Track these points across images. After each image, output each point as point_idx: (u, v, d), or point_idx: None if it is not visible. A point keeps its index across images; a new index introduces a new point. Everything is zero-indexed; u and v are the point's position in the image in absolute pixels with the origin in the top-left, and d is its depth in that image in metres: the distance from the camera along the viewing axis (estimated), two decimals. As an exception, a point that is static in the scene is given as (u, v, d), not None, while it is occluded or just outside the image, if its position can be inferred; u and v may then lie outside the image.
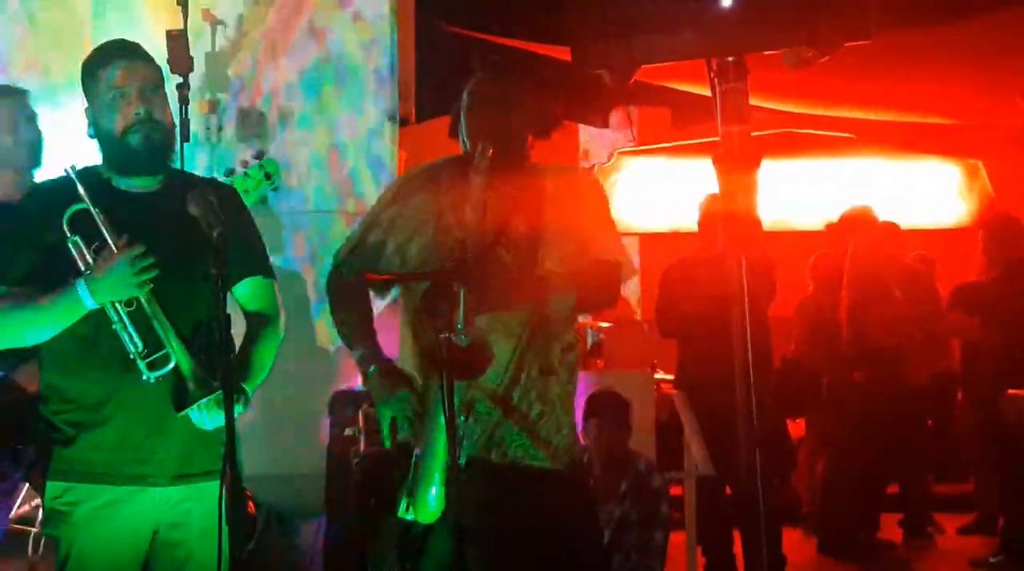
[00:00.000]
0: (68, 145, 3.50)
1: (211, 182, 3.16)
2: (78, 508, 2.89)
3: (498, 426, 3.00)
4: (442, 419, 2.72)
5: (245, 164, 3.75)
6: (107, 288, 2.82)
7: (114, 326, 2.85)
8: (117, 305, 2.84)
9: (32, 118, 3.78)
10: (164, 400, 2.87)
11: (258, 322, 3.08)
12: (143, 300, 2.85)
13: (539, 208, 3.06)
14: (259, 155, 3.80)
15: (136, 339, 2.85)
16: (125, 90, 2.91)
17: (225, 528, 2.59)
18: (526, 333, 3.01)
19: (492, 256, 2.96)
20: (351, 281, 3.21)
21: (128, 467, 2.89)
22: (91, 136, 2.99)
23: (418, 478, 2.89)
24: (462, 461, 2.88)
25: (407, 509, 2.91)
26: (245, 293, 3.08)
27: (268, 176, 3.76)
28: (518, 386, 3.01)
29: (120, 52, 2.97)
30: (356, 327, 3.18)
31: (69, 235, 2.87)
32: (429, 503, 2.89)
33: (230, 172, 3.83)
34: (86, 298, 2.82)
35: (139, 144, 2.91)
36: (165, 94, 3.01)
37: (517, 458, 3.02)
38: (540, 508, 3.02)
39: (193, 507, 2.93)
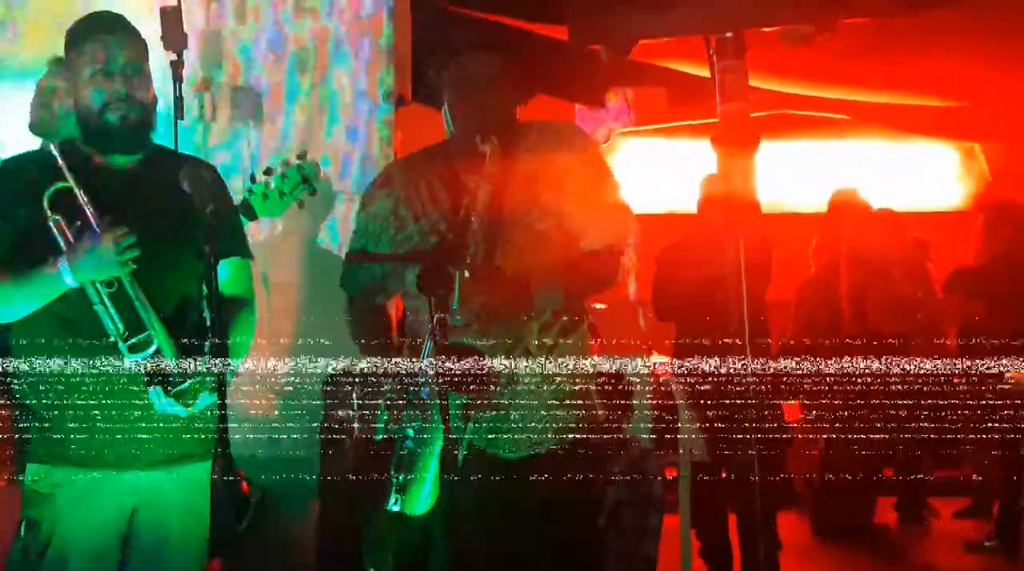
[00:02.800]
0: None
1: (193, 159, 3.13)
2: (60, 491, 2.87)
3: (470, 420, 2.94)
4: (437, 415, 2.71)
5: (286, 164, 3.68)
6: (89, 267, 2.78)
7: (95, 307, 2.81)
8: (97, 285, 2.81)
9: None
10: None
11: (235, 305, 3.04)
12: (124, 281, 2.81)
13: (534, 194, 3.01)
14: (301, 155, 3.73)
15: (117, 321, 2.81)
16: (107, 66, 2.87)
17: (209, 510, 2.58)
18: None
19: (487, 260, 2.93)
20: (358, 300, 3.22)
21: (109, 450, 2.86)
22: (70, 108, 2.95)
23: (411, 474, 2.87)
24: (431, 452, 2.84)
25: (395, 503, 2.89)
26: (225, 274, 3.01)
27: (305, 179, 3.69)
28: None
29: (105, 26, 2.92)
30: (369, 340, 3.17)
31: (50, 214, 2.83)
32: (420, 499, 2.86)
33: (268, 171, 3.76)
34: (67, 276, 2.78)
35: (117, 123, 2.87)
36: (148, 70, 2.96)
37: (488, 451, 2.98)
38: (513, 499, 2.99)
39: (173, 488, 2.91)
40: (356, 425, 4.87)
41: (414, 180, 3.07)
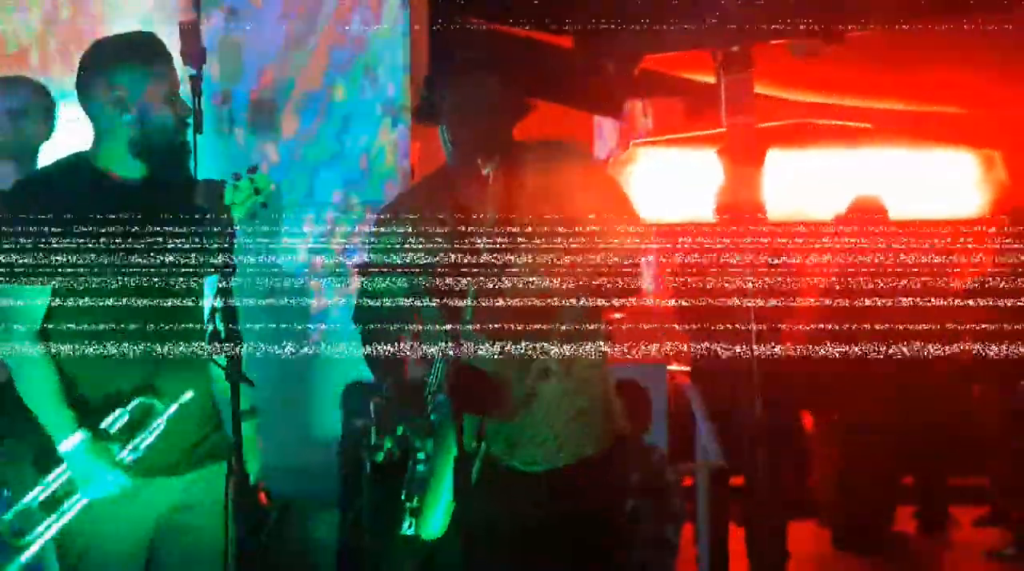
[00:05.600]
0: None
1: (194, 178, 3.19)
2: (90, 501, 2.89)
3: (484, 438, 2.95)
4: (449, 437, 2.72)
5: (237, 177, 3.74)
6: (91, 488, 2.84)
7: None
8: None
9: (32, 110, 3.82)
10: (169, 392, 2.89)
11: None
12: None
13: (544, 212, 3.02)
14: (252, 169, 3.79)
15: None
16: (146, 99, 2.91)
17: (231, 520, 2.61)
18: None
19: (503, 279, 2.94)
20: (370, 333, 3.24)
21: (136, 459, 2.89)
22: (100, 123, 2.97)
23: (424, 497, 2.87)
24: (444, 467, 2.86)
25: (409, 527, 2.89)
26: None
27: (258, 191, 3.75)
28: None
29: (146, 55, 2.94)
30: (379, 365, 3.20)
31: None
32: (435, 521, 2.87)
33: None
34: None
35: (179, 145, 2.95)
36: (178, 96, 3.00)
37: (494, 462, 2.99)
38: (529, 516, 2.99)
39: (198, 494, 2.95)
40: (373, 431, 4.88)
41: (419, 212, 3.07)
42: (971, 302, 6.72)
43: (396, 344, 3.23)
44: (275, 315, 5.33)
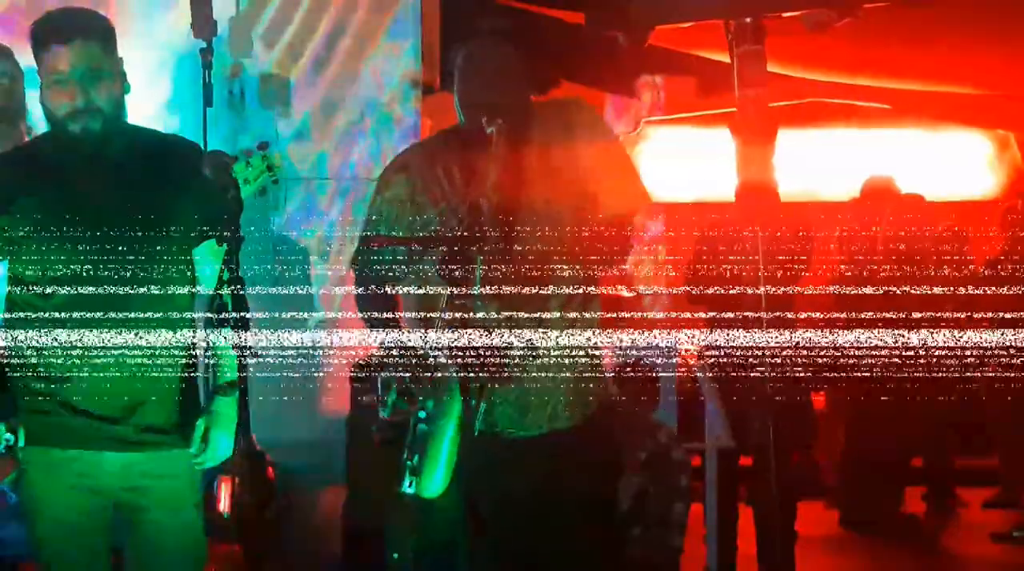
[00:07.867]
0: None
1: (176, 139, 3.14)
2: (31, 467, 2.87)
3: (485, 398, 2.94)
4: (450, 396, 2.72)
5: (248, 154, 3.73)
6: None
7: None
8: None
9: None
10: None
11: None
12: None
13: (543, 172, 3.03)
14: (263, 145, 3.79)
15: None
16: (64, 76, 2.81)
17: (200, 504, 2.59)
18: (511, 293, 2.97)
19: (504, 241, 2.94)
20: (367, 279, 3.22)
21: (80, 431, 2.85)
22: (40, 101, 2.91)
23: (424, 455, 2.87)
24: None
25: (410, 485, 2.89)
26: (200, 256, 2.98)
27: (270, 168, 3.75)
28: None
29: (59, 32, 2.82)
30: (378, 320, 3.18)
31: None
32: (434, 480, 2.87)
33: (232, 158, 3.80)
34: None
35: (77, 134, 2.84)
36: (111, 70, 2.87)
37: (504, 430, 2.99)
38: (529, 478, 2.99)
39: (152, 473, 2.88)
40: (380, 411, 4.87)
41: (430, 165, 3.09)
42: (981, 290, 6.71)
43: (391, 297, 3.22)
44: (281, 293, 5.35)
